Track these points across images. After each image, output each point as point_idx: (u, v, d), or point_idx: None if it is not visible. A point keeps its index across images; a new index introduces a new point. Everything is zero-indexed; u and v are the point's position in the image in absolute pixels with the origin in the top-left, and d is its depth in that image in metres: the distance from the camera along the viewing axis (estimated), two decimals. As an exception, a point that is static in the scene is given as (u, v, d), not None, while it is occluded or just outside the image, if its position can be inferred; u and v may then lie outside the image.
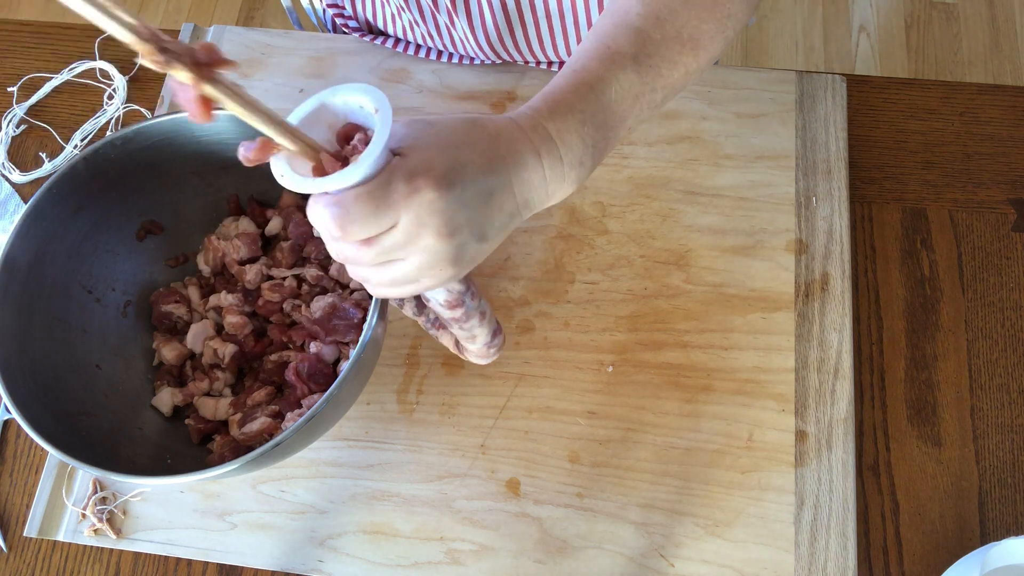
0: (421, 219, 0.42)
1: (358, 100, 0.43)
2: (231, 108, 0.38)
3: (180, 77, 0.36)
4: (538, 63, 0.81)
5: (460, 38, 0.77)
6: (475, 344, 0.56)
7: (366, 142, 0.44)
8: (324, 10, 0.89)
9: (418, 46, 0.83)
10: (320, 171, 0.43)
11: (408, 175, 0.42)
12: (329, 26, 0.93)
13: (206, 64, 0.36)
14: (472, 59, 0.81)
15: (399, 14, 0.78)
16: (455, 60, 0.82)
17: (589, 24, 0.74)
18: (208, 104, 0.37)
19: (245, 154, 0.42)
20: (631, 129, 0.52)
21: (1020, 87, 0.80)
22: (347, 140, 0.44)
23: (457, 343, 0.58)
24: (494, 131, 0.46)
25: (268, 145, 0.41)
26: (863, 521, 0.67)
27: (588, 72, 0.49)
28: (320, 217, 0.42)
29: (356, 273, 0.46)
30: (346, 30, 0.86)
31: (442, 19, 0.75)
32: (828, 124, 0.77)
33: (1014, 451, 0.68)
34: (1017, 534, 0.64)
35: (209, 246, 0.70)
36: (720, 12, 0.52)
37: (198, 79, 0.36)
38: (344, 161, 0.43)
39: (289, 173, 0.42)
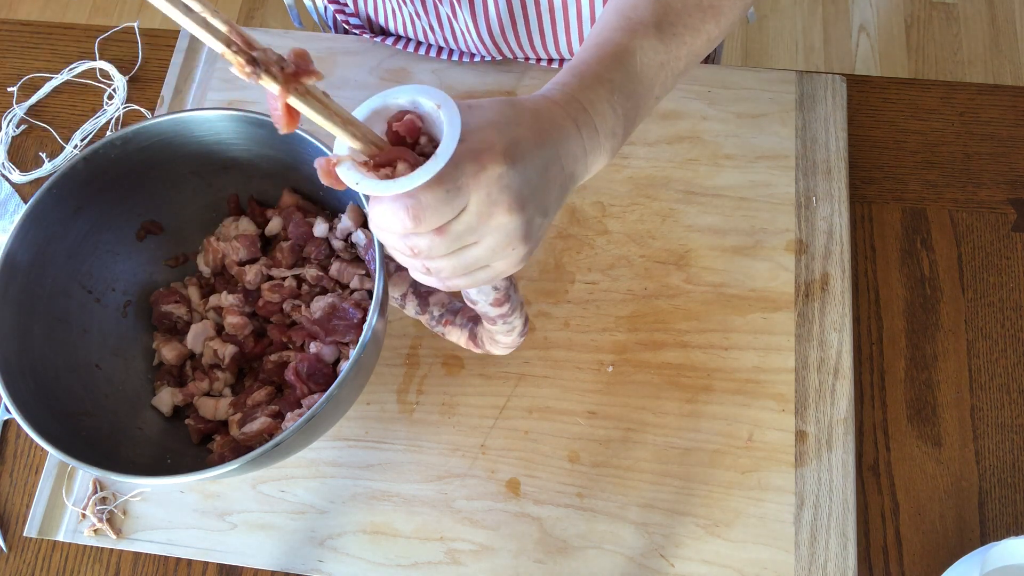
0: (492, 196, 0.42)
1: (411, 99, 0.43)
2: (315, 119, 0.39)
3: (269, 87, 0.36)
4: (539, 60, 0.81)
5: (462, 30, 0.77)
6: (511, 336, 0.56)
7: (417, 123, 0.43)
8: (325, 7, 0.89)
9: (419, 43, 0.83)
10: (376, 174, 0.42)
11: (473, 155, 0.42)
12: (330, 23, 0.93)
13: (293, 75, 0.37)
14: (473, 56, 0.81)
15: (400, 8, 0.78)
16: (455, 58, 0.81)
17: (593, 20, 0.74)
18: (294, 114, 0.38)
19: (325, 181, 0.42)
20: (658, 99, 0.52)
21: (1020, 87, 0.80)
22: (396, 133, 0.44)
23: (473, 337, 0.58)
24: (533, 108, 0.46)
25: (328, 164, 0.42)
26: (863, 521, 0.67)
27: (612, 43, 0.50)
28: (390, 212, 0.42)
29: (428, 267, 0.46)
30: (347, 26, 0.86)
31: (444, 10, 0.75)
32: (828, 124, 0.77)
33: (1014, 451, 0.68)
34: (1017, 534, 0.64)
35: (208, 247, 0.70)
36: None
37: (284, 90, 0.37)
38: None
39: (364, 180, 0.41)
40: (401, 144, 0.43)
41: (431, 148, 0.43)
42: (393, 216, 0.41)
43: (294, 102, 0.38)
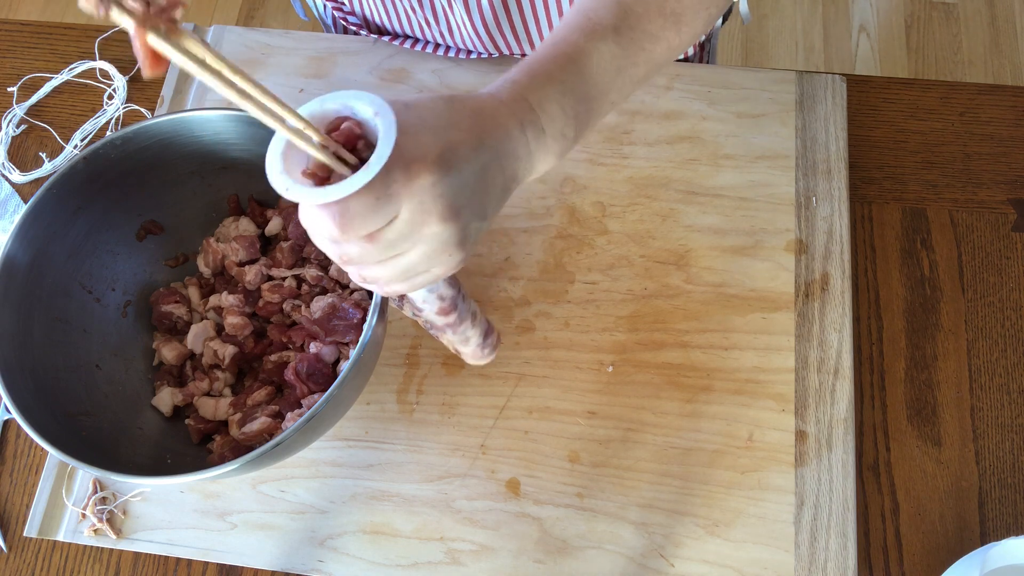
0: (424, 205, 0.41)
1: (350, 104, 0.42)
2: (186, 66, 0.35)
3: (123, 23, 0.32)
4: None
5: (458, 24, 0.77)
6: (468, 347, 0.56)
7: (356, 131, 0.42)
8: (324, 5, 0.89)
9: (415, 40, 0.83)
10: (316, 180, 0.41)
11: (405, 163, 0.41)
12: (329, 21, 0.93)
13: (158, 10, 0.33)
14: (469, 52, 0.81)
15: (396, 2, 0.78)
16: (452, 54, 0.81)
17: None
18: (158, 55, 0.34)
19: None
20: (614, 104, 0.52)
21: (1020, 87, 0.80)
22: (335, 141, 0.42)
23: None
24: (475, 107, 0.45)
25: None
26: (863, 521, 0.67)
27: (568, 44, 0.49)
28: (317, 219, 0.41)
29: (362, 274, 0.45)
30: (345, 24, 0.86)
31: (440, 3, 0.75)
32: (828, 124, 0.77)
33: (1014, 451, 0.68)
34: (1017, 534, 0.64)
35: (208, 248, 0.70)
36: None
37: (141, 28, 0.32)
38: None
39: (294, 186, 0.40)
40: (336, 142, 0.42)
41: (369, 153, 0.41)
42: (320, 223, 0.40)
43: (157, 43, 0.33)
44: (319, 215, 0.40)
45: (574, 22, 0.50)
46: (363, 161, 0.41)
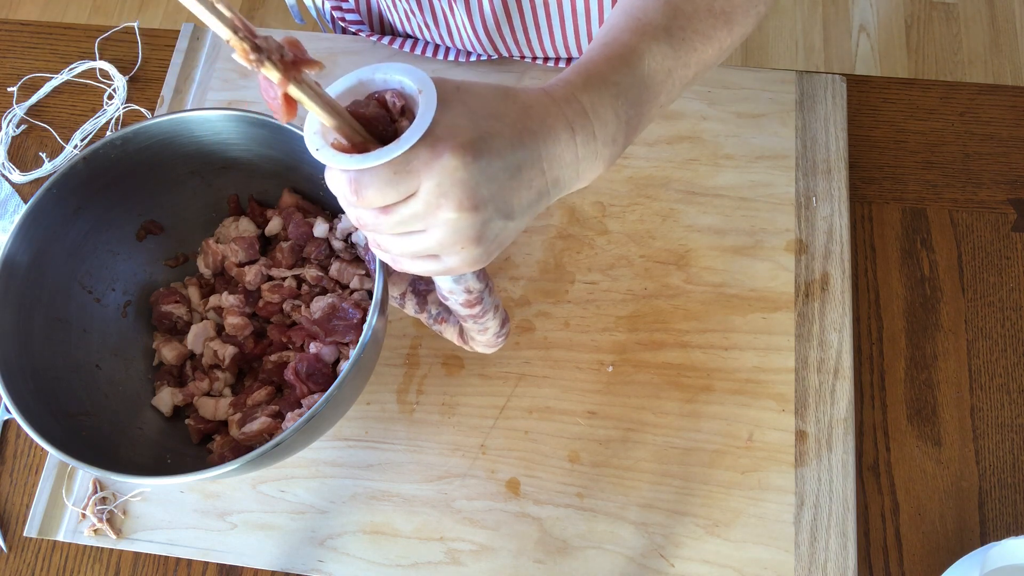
0: (442, 188, 0.41)
1: (399, 79, 0.43)
2: (311, 108, 0.39)
3: (271, 76, 0.36)
4: (535, 59, 0.81)
5: (458, 27, 0.76)
6: (486, 335, 0.57)
7: (398, 103, 0.43)
8: (323, 2, 0.89)
9: (415, 40, 0.83)
10: (350, 149, 0.43)
11: (432, 141, 0.40)
12: (328, 20, 0.93)
13: (293, 63, 0.37)
14: (469, 54, 0.81)
15: (394, 5, 0.78)
16: (452, 56, 0.81)
17: (588, 18, 0.74)
18: (292, 103, 0.38)
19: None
20: (662, 108, 0.50)
21: (1020, 87, 0.80)
22: (380, 101, 0.44)
23: (462, 334, 0.59)
24: (526, 103, 0.44)
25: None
26: (863, 521, 0.67)
27: (620, 44, 0.48)
28: (336, 182, 0.42)
29: (375, 241, 0.45)
30: (343, 23, 0.86)
31: (440, 6, 0.75)
32: (828, 124, 0.77)
33: (1014, 451, 0.68)
34: (1017, 534, 0.64)
35: (208, 249, 0.70)
36: None
37: (285, 79, 0.37)
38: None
39: (323, 147, 0.41)
40: (383, 108, 0.43)
41: (406, 124, 0.42)
42: (338, 186, 0.42)
43: (294, 91, 0.38)
44: (338, 178, 0.42)
45: (623, 22, 0.49)
46: (397, 129, 0.42)
